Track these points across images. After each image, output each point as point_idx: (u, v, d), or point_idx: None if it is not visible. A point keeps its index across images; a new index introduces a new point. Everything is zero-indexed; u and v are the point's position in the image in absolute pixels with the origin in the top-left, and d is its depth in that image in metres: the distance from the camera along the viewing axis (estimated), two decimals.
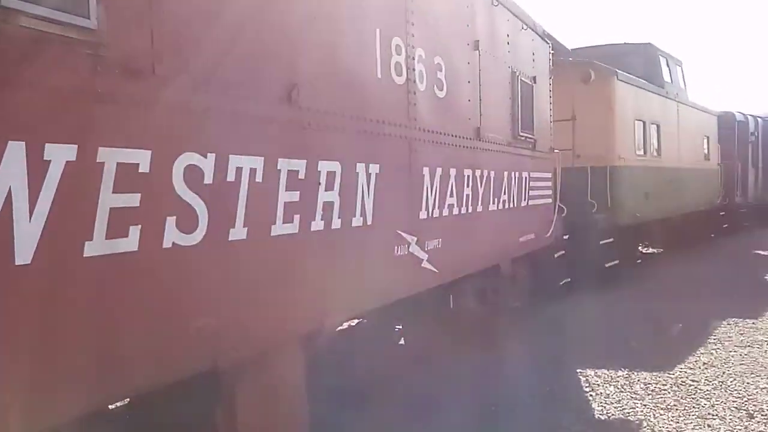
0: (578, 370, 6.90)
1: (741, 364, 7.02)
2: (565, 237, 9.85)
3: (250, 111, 3.35)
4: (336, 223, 3.97)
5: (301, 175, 3.66)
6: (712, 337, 8.21)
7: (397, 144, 4.74)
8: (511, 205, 7.15)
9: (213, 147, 3.02)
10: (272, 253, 3.47)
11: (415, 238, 4.85)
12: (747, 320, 9.01)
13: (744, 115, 22.14)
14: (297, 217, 3.63)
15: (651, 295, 10.93)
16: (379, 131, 4.51)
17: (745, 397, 5.98)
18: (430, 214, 5.13)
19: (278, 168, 3.49)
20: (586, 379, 6.63)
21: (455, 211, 5.61)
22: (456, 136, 5.73)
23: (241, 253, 3.20)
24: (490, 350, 7.10)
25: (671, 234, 16.10)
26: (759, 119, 23.35)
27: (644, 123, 13.28)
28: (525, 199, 7.66)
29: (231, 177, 3.14)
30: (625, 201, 11.89)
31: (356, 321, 7.04)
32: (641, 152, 13.17)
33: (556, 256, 9.49)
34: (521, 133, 7.42)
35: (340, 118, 4.08)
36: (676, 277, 12.72)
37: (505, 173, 6.98)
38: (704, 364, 7.05)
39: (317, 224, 3.80)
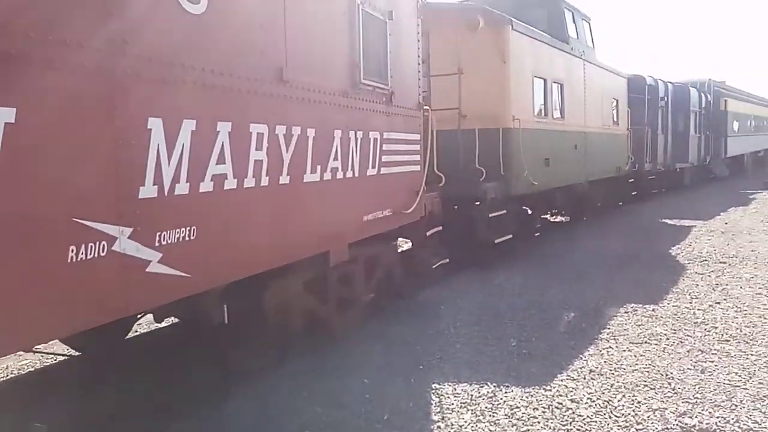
0: (433, 386, 5.37)
1: (634, 371, 5.65)
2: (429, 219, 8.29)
3: None
4: None
5: None
6: (606, 330, 6.87)
7: (85, 81, 2.93)
8: (349, 175, 5.48)
9: None
10: None
11: (129, 230, 3.09)
12: (646, 306, 7.74)
13: (654, 79, 21.31)
14: None
15: (544, 275, 9.60)
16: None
17: (632, 425, 4.56)
18: (167, 191, 3.37)
19: None
20: (439, 401, 5.10)
21: (230, 184, 3.88)
22: (230, 75, 3.95)
23: None
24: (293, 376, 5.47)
25: (577, 202, 14.97)
26: (669, 84, 22.65)
27: (545, 81, 11.86)
28: (374, 167, 6.01)
29: None
30: (521, 168, 10.45)
31: None
32: (541, 114, 11.77)
33: (429, 233, 7.92)
34: (365, 82, 5.73)
35: None
36: (575, 252, 11.49)
37: (338, 133, 5.28)
38: (591, 371, 5.65)
39: None
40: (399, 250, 8.04)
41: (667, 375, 5.54)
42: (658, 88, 21.24)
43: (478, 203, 10.07)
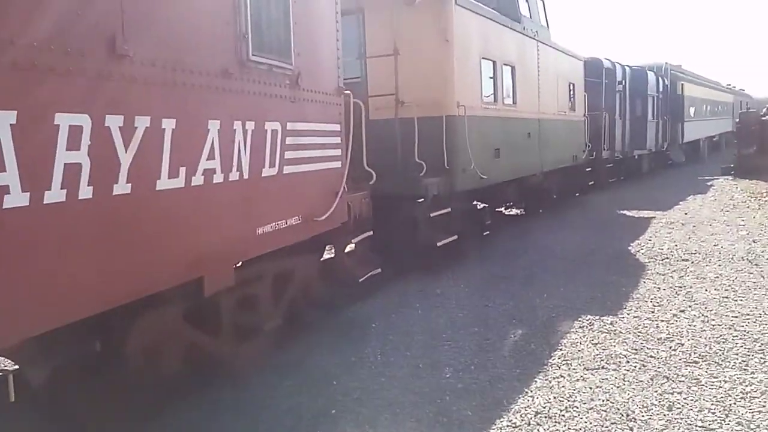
0: None
1: (589, 410, 4.68)
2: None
3: None
4: None
5: None
6: (557, 352, 5.90)
7: None
8: (233, 177, 4.34)
9: None
10: None
11: None
12: (604, 319, 6.81)
13: (612, 62, 20.56)
14: None
15: (490, 281, 8.60)
16: None
17: None
18: None
19: None
20: None
21: (14, 200, 2.70)
22: (14, 44, 2.75)
23: None
24: None
25: (531, 194, 14.06)
26: (627, 68, 21.96)
27: (494, 64, 10.82)
28: (274, 166, 4.87)
29: None
30: (468, 160, 9.41)
31: None
32: (490, 99, 10.74)
33: (354, 241, 6.82)
34: (257, 59, 4.56)
35: None
36: (528, 252, 10.54)
37: (214, 124, 4.12)
38: (537, 414, 4.65)
39: None
40: (323, 259, 6.93)
41: (628, 415, 4.58)
42: (616, 71, 20.50)
43: (421, 200, 9.02)
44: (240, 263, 4.78)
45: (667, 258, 9.80)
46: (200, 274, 4.04)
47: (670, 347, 5.95)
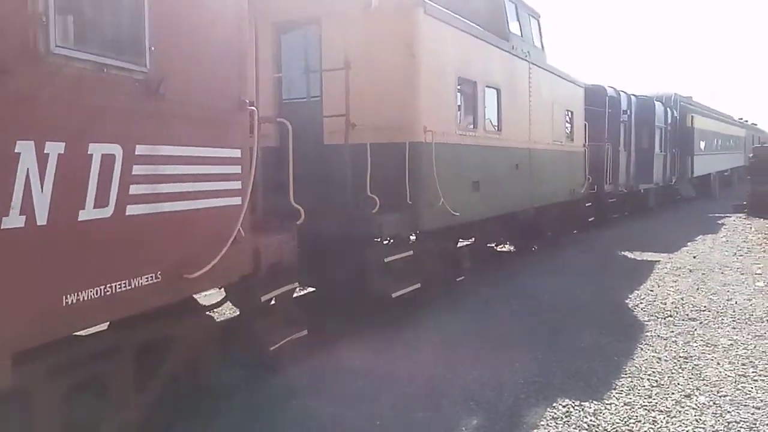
0: None
1: None
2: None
3: None
4: None
5: None
6: None
7: None
8: (15, 224, 2.90)
9: None
10: None
11: None
12: (586, 406, 5.30)
13: (616, 90, 19.20)
14: None
15: (451, 344, 7.03)
16: None
17: None
18: None
19: None
20: None
21: None
22: None
23: None
24: None
25: (522, 231, 12.60)
26: (632, 97, 20.58)
27: (475, 84, 9.45)
28: (105, 205, 3.45)
29: None
30: (436, 195, 7.97)
31: None
32: (468, 125, 9.34)
33: (265, 298, 5.32)
34: (66, 53, 3.15)
35: None
36: (508, 301, 9.02)
37: None
38: None
39: None
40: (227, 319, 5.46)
41: None
42: (620, 100, 19.11)
43: (379, 240, 7.60)
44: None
45: (671, 316, 8.26)
46: None
47: None
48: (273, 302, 5.62)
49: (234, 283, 4.75)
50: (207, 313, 5.31)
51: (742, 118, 44.45)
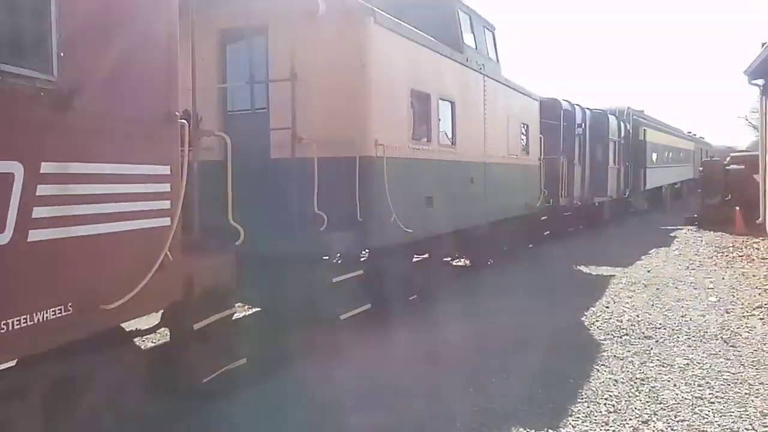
0: None
1: None
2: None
3: None
4: None
5: None
6: None
7: None
8: None
9: None
10: None
11: None
12: None
13: (571, 104, 19.29)
14: None
15: (396, 368, 6.69)
16: None
17: None
18: None
19: None
20: None
21: None
22: None
23: None
24: None
25: (477, 246, 12.39)
26: (587, 110, 20.73)
27: (428, 97, 9.21)
28: (9, 230, 3.03)
29: None
30: (388, 211, 7.68)
31: None
32: (422, 138, 9.09)
33: (198, 326, 4.91)
34: None
35: None
36: (461, 321, 8.73)
37: None
38: None
39: None
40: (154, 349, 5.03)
41: None
42: (575, 113, 19.22)
43: (327, 258, 7.26)
44: None
45: (627, 334, 8.11)
46: None
47: None
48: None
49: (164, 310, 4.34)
50: (136, 339, 4.89)
51: (691, 132, 45.58)
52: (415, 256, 10.04)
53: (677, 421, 5.35)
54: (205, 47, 7.58)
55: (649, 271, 12.98)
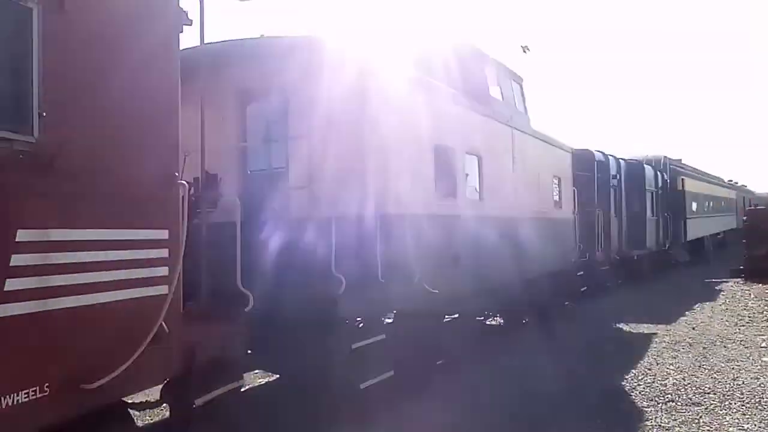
0: None
1: None
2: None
3: None
4: None
5: None
6: None
7: None
8: None
9: None
10: None
11: None
12: None
13: (604, 154, 18.84)
14: None
15: None
16: None
17: None
18: None
19: None
20: None
21: None
22: None
23: None
24: None
25: (509, 305, 11.84)
26: (621, 161, 20.23)
27: (453, 151, 8.93)
28: None
29: None
30: (410, 271, 7.30)
31: None
32: (447, 194, 8.76)
33: (201, 402, 4.55)
34: None
35: None
36: (493, 386, 8.19)
37: None
38: None
39: None
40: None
41: None
42: (609, 164, 18.73)
43: (348, 322, 6.88)
44: None
45: (673, 400, 7.48)
46: None
47: None
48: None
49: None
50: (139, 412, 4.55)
51: (731, 180, 44.42)
52: (446, 316, 9.60)
53: None
54: (223, 107, 7.46)
55: (693, 328, 12.25)
